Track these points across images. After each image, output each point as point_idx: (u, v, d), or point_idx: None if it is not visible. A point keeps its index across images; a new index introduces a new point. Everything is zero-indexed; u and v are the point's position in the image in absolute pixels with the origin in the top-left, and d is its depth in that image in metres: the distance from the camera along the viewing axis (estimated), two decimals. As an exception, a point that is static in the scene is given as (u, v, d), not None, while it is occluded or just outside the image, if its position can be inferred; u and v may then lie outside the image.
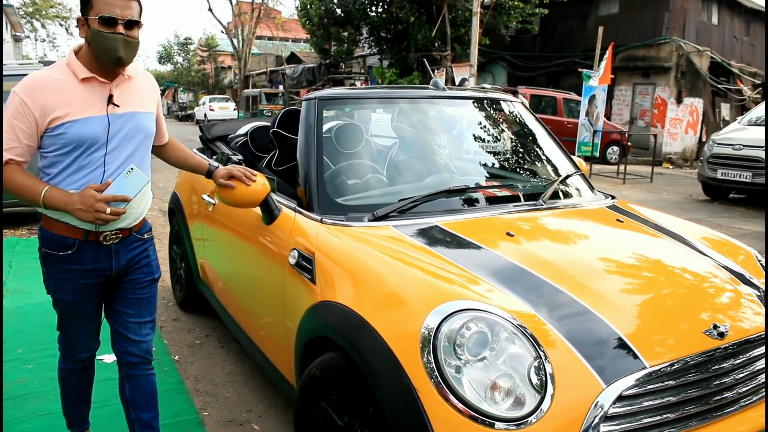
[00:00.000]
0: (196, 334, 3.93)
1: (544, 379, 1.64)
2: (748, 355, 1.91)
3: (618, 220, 2.54)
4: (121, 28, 1.95)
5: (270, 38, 43.37)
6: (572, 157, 3.23)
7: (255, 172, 2.42)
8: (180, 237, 4.22)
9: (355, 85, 24.87)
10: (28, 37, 41.25)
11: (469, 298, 1.78)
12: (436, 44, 17.68)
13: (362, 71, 25.96)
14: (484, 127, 3.13)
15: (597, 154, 12.36)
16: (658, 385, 1.70)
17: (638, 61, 18.20)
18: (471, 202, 2.55)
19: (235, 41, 34.64)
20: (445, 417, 1.61)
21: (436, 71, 17.52)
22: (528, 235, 2.26)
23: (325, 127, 3.01)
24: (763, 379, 1.92)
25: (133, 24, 1.99)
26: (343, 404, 1.98)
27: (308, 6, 20.32)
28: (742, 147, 9.11)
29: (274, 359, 2.68)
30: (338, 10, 20.08)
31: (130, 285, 2.24)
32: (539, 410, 1.60)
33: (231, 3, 34.20)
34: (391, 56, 19.48)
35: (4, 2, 28.93)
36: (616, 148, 15.43)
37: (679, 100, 17.75)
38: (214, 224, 3.44)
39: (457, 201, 2.53)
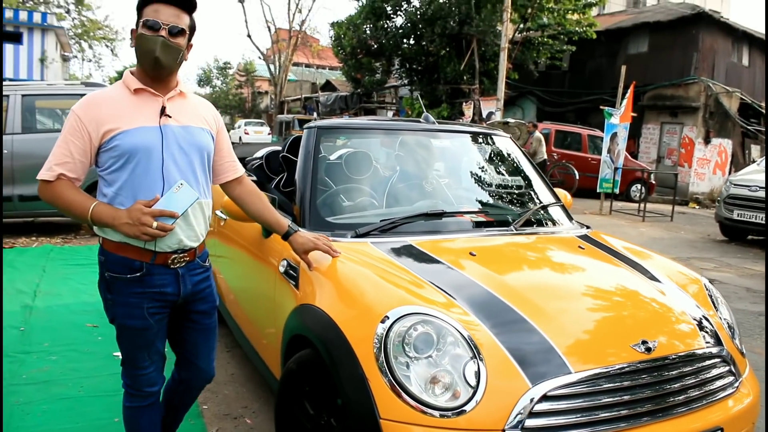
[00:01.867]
0: (206, 339, 4.24)
1: (477, 377, 1.89)
2: (679, 371, 2.12)
3: (580, 246, 2.79)
4: (163, 33, 1.97)
5: (307, 65, 44.37)
6: (554, 189, 3.48)
7: (336, 249, 2.40)
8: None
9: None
10: (76, 57, 42.97)
11: (420, 304, 2.05)
12: (465, 77, 18.08)
13: (394, 101, 26.51)
14: (471, 159, 3.42)
15: (617, 190, 12.48)
16: (582, 389, 1.93)
17: (666, 100, 18.33)
18: (447, 226, 2.83)
19: (272, 67, 35.58)
20: (389, 404, 1.87)
21: (464, 104, 17.91)
22: (489, 255, 2.53)
23: (336, 154, 3.35)
24: (693, 394, 2.13)
25: (178, 32, 2.00)
26: (314, 395, 2.26)
27: (342, 36, 20.97)
28: (758, 188, 9.19)
29: (267, 359, 2.97)
30: (371, 42, 20.67)
31: (198, 315, 2.25)
32: (471, 402, 1.86)
33: (269, 30, 35.23)
34: (421, 88, 19.93)
35: (56, 24, 30.34)
36: (640, 186, 15.47)
37: (707, 140, 17.78)
38: (225, 240, 3.76)
39: (435, 224, 2.81)
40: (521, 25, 17.61)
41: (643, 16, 20.33)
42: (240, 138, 32.04)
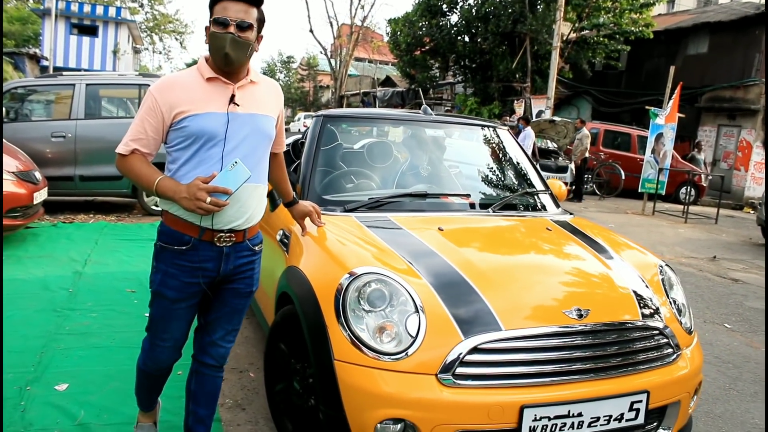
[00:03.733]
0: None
1: (417, 329, 2.20)
2: (609, 337, 2.36)
3: (547, 228, 3.04)
4: (232, 29, 2.06)
5: (370, 61, 44.95)
6: (545, 179, 3.72)
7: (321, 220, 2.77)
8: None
9: (450, 112, 25.56)
10: (147, 49, 44.97)
11: (378, 266, 2.37)
12: (517, 75, 18.11)
13: (449, 98, 26.68)
14: (464, 147, 3.71)
15: (663, 192, 12.36)
16: (511, 344, 2.21)
17: (724, 102, 17.89)
18: (429, 206, 3.14)
19: (332, 62, 36.26)
20: (342, 347, 2.21)
21: (515, 102, 17.97)
22: (455, 230, 2.83)
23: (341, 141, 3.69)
24: (622, 360, 2.36)
25: (247, 27, 2.08)
26: (292, 344, 2.61)
27: (398, 33, 21.30)
28: (801, 193, 9.04)
29: (267, 318, 3.34)
30: (426, 38, 20.92)
31: (230, 293, 2.31)
32: (410, 349, 2.17)
33: (331, 26, 35.91)
34: (474, 85, 20.06)
35: (129, 17, 31.80)
36: (688, 188, 15.20)
37: (766, 144, 17.26)
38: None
39: (418, 203, 3.13)
40: (576, 24, 17.51)
41: (704, 16, 19.84)
42: (299, 130, 32.88)
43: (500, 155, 3.76)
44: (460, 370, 2.15)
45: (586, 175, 13.95)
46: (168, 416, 2.85)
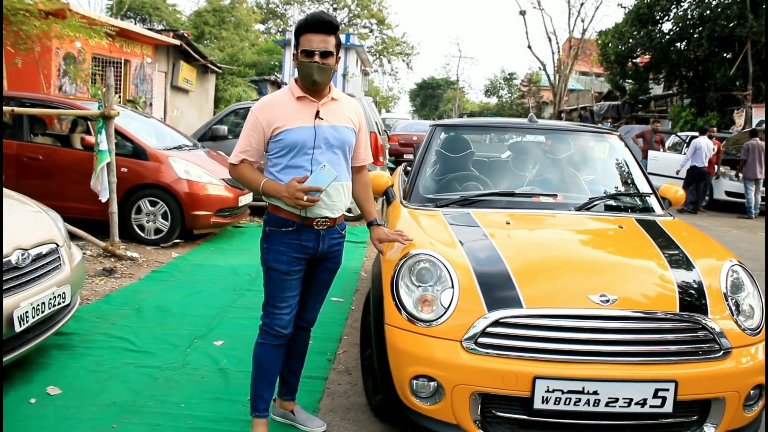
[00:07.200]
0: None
1: (450, 301, 2.60)
2: (638, 324, 2.52)
3: (620, 226, 3.19)
4: (317, 58, 2.52)
5: (598, 75, 43.60)
6: (653, 186, 3.78)
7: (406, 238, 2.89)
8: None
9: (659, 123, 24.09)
10: (376, 71, 48.50)
11: (431, 249, 2.81)
12: (738, 83, 16.57)
13: (667, 110, 25.07)
14: (566, 152, 3.93)
15: None
16: (531, 321, 2.50)
17: None
18: (513, 203, 3.47)
19: (551, 77, 35.83)
20: (392, 314, 2.70)
21: (735, 112, 16.50)
22: (520, 224, 3.17)
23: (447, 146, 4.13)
24: (651, 348, 2.50)
25: (328, 54, 2.55)
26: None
27: (608, 44, 20.67)
28: None
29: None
30: (638, 49, 20.03)
31: (321, 270, 2.80)
32: (442, 318, 2.58)
33: (550, 41, 35.54)
34: (689, 95, 18.74)
35: (357, 43, 34.77)
36: None
37: None
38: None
39: (506, 201, 3.49)
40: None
41: None
42: (512, 145, 32.94)
43: (603, 160, 3.92)
44: (482, 339, 2.50)
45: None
46: None
